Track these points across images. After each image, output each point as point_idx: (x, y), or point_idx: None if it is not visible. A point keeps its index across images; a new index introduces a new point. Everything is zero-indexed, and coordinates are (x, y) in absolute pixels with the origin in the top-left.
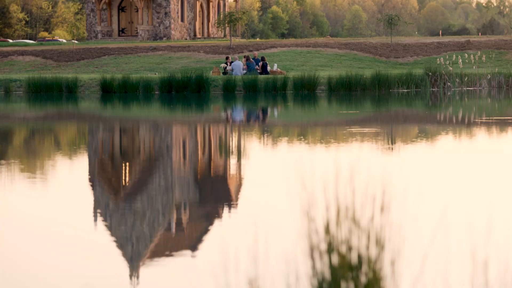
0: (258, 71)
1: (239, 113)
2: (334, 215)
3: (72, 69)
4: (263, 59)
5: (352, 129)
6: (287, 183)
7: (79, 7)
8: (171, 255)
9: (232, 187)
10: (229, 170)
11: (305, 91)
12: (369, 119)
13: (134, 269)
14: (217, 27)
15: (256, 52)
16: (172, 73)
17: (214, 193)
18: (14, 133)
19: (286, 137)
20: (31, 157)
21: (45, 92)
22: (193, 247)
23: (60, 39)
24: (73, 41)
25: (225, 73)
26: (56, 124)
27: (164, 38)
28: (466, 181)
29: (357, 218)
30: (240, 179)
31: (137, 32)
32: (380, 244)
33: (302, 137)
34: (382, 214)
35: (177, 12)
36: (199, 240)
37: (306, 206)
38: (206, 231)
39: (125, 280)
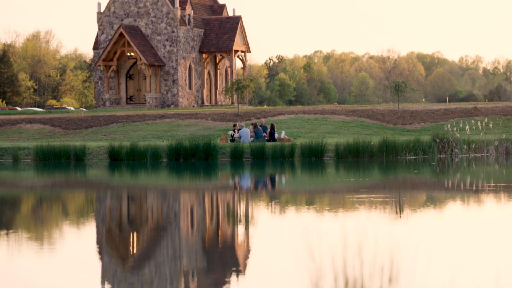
0: (266, 138)
1: (247, 181)
2: (342, 286)
3: (80, 137)
4: (272, 126)
5: (360, 197)
6: (295, 252)
7: (87, 75)
8: None
9: (240, 255)
10: (237, 238)
11: (313, 158)
12: (377, 186)
13: None
14: (225, 94)
15: (263, 120)
16: (180, 140)
17: (221, 261)
18: (22, 201)
19: (293, 204)
20: (39, 225)
21: (53, 160)
22: None
23: (68, 107)
24: (81, 109)
25: (232, 140)
26: (64, 192)
27: (172, 106)
28: (475, 249)
29: None
30: (248, 247)
31: (145, 100)
32: None
33: (309, 204)
34: (390, 285)
35: (185, 80)
36: None
37: (314, 276)
38: None
39: None
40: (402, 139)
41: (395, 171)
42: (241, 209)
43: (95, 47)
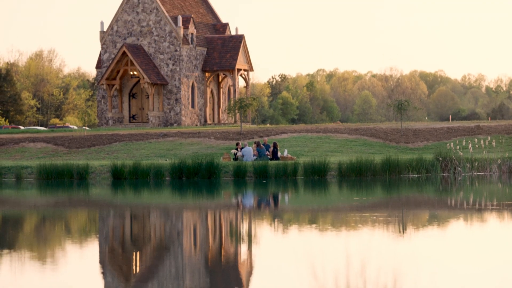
0: (269, 157)
1: (250, 199)
2: None
3: (83, 156)
4: (275, 145)
5: (363, 215)
6: (298, 271)
7: (90, 94)
8: None
9: (243, 274)
10: (240, 257)
11: (316, 176)
12: (380, 204)
13: None
14: (228, 113)
15: (266, 138)
16: (183, 159)
17: (225, 280)
18: (25, 220)
19: (296, 223)
20: (42, 244)
21: (56, 178)
22: None
23: (71, 126)
24: (84, 127)
25: (235, 159)
26: (67, 211)
27: (175, 124)
28: (478, 267)
29: None
30: (251, 266)
31: (148, 119)
32: None
33: (312, 223)
34: None
35: (188, 99)
36: None
37: None
38: None
39: None
40: (405, 157)
41: (398, 190)
42: (244, 228)
43: (98, 66)
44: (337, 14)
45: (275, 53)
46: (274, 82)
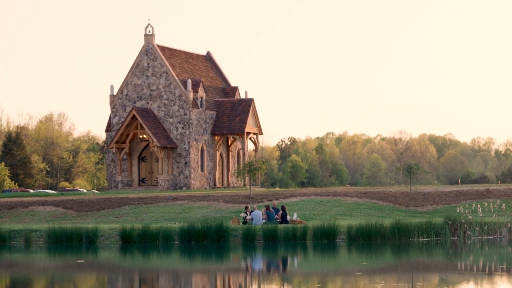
0: (278, 220)
1: (259, 263)
2: None
3: (92, 219)
4: (283, 208)
5: (373, 279)
6: None
7: (100, 157)
8: None
9: None
10: None
11: (325, 240)
12: (390, 269)
13: None
14: (237, 176)
15: (275, 202)
16: (192, 222)
17: None
18: (34, 284)
19: (305, 287)
20: None
21: (65, 242)
22: None
23: (81, 189)
24: (93, 191)
25: (244, 222)
26: (76, 275)
27: (184, 188)
28: None
29: None
30: None
31: (157, 182)
32: None
33: (322, 287)
34: None
35: (197, 162)
36: None
37: None
38: None
39: None
40: (414, 221)
41: (408, 254)
42: None
43: (108, 130)
44: (345, 78)
45: (285, 117)
46: (284, 145)
